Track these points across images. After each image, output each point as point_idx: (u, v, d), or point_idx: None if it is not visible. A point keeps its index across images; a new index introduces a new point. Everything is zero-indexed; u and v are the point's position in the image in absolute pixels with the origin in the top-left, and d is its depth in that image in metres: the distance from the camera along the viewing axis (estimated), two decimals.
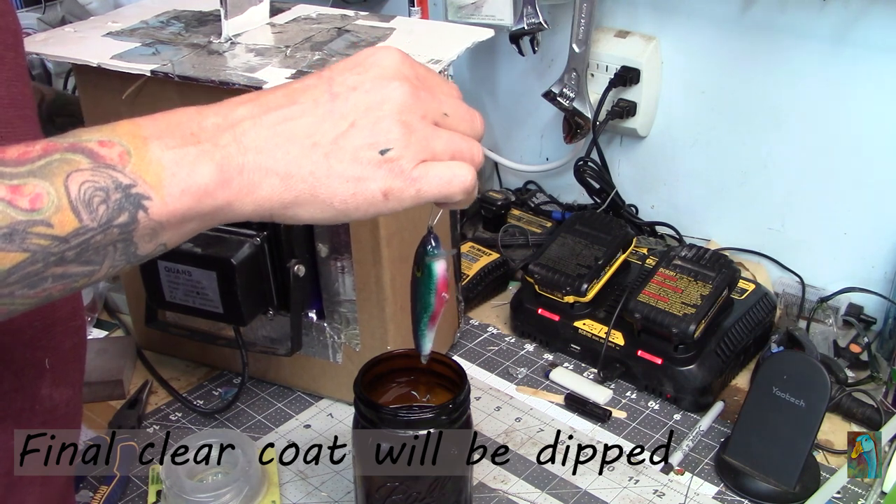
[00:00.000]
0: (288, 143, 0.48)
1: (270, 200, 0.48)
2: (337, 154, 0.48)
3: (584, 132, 1.17)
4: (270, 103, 0.49)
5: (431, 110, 0.51)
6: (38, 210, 0.42)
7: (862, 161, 1.02)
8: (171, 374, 1.00)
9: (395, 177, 0.49)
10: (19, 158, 0.43)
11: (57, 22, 1.50)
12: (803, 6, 0.99)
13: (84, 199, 0.43)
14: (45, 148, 0.44)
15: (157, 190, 0.45)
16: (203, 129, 0.47)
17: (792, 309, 1.06)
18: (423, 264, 0.60)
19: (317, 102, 0.49)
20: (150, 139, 0.46)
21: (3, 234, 0.42)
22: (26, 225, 0.42)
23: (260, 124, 0.48)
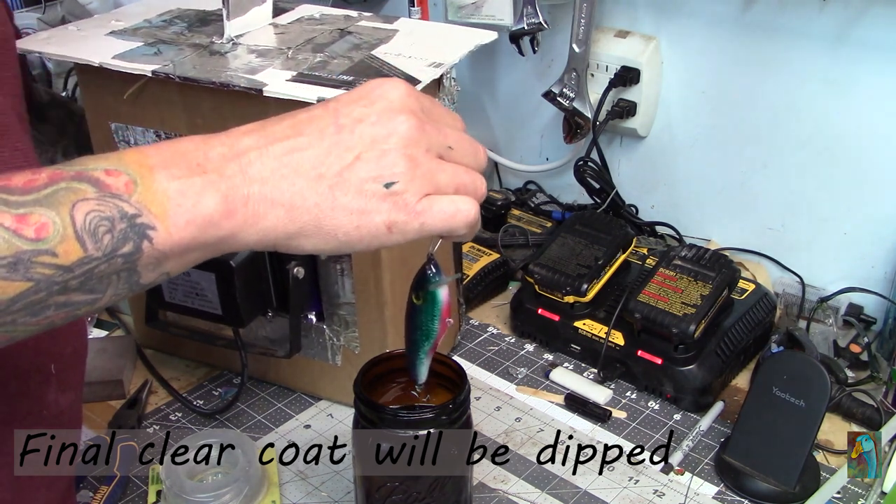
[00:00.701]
0: (294, 174, 0.48)
1: (275, 231, 0.49)
2: (342, 186, 0.49)
3: (584, 132, 1.17)
4: (276, 134, 0.49)
5: (436, 144, 0.51)
6: (44, 239, 0.43)
7: (862, 161, 1.02)
8: (171, 374, 1.00)
9: (399, 210, 0.49)
10: (25, 186, 0.43)
11: (57, 22, 1.50)
12: (803, 6, 0.99)
13: (89, 228, 0.43)
14: (52, 176, 0.44)
15: (162, 220, 0.45)
16: (209, 159, 0.47)
17: (792, 309, 1.06)
18: (426, 292, 0.60)
19: (323, 134, 0.49)
20: (157, 168, 0.46)
21: (7, 264, 0.42)
22: (31, 254, 0.42)
23: (266, 155, 0.48)
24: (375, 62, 0.83)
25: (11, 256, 0.42)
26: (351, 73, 0.81)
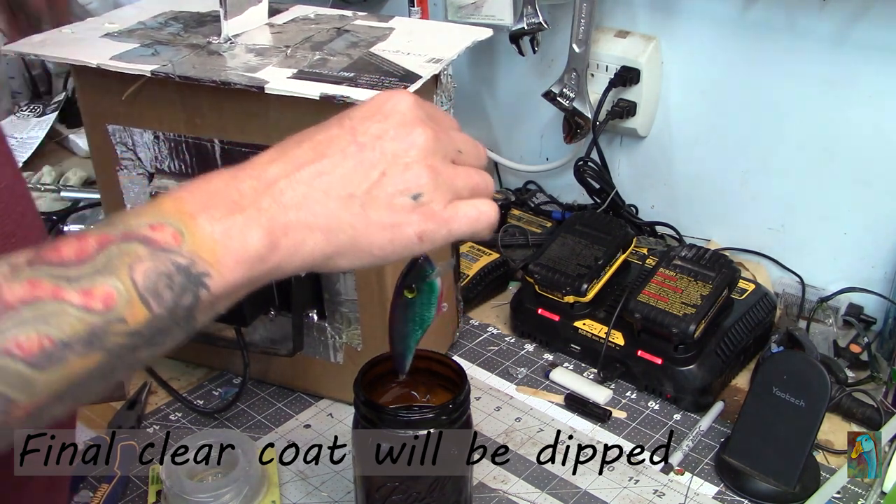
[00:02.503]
0: (325, 197, 0.49)
1: (314, 255, 0.49)
2: (373, 203, 0.50)
3: (584, 132, 1.17)
4: (300, 159, 0.50)
5: (450, 150, 0.53)
6: (113, 309, 0.43)
7: (862, 161, 1.02)
8: (170, 374, 1.00)
9: (428, 220, 0.51)
10: (79, 258, 0.43)
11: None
12: (803, 6, 0.99)
13: (151, 287, 0.44)
14: (100, 241, 0.44)
15: (214, 265, 0.46)
16: (243, 194, 0.48)
17: (792, 309, 1.06)
18: (421, 283, 0.60)
19: (345, 154, 0.50)
20: (197, 214, 0.46)
21: (84, 342, 0.42)
22: (104, 326, 0.43)
23: (295, 181, 0.49)
24: (375, 59, 0.83)
25: (86, 333, 0.42)
26: (351, 70, 0.81)
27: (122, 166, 0.91)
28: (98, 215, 1.29)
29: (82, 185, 1.40)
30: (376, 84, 0.78)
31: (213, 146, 0.86)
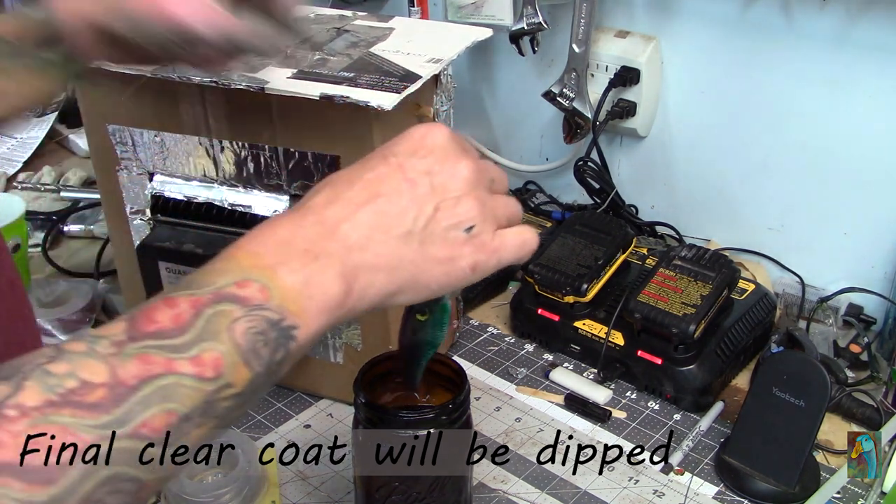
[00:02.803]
0: (386, 236, 0.50)
1: (379, 295, 0.51)
2: (430, 239, 0.51)
3: (584, 132, 1.17)
4: (356, 199, 0.50)
5: (487, 180, 0.54)
6: (222, 374, 0.43)
7: (862, 161, 1.02)
8: None
9: (480, 251, 0.53)
10: (178, 325, 0.43)
11: None
12: (803, 6, 0.99)
13: (250, 347, 0.44)
14: (193, 305, 0.43)
15: (301, 317, 0.46)
16: (311, 241, 0.48)
17: (792, 309, 1.06)
18: (433, 306, 0.61)
19: (399, 192, 0.51)
20: (276, 267, 0.46)
21: (201, 412, 0.42)
22: (216, 393, 0.43)
23: (357, 223, 0.49)
24: (375, 59, 0.83)
25: (202, 403, 0.42)
26: (351, 70, 0.81)
27: (122, 166, 0.91)
28: (98, 215, 1.29)
29: (82, 185, 1.41)
30: (376, 84, 0.78)
31: (212, 146, 0.86)
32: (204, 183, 0.88)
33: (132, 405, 0.41)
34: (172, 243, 0.85)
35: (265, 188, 0.85)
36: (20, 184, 1.43)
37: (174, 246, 0.84)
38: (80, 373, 0.40)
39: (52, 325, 1.05)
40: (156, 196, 0.89)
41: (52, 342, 1.04)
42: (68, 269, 1.21)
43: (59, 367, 0.40)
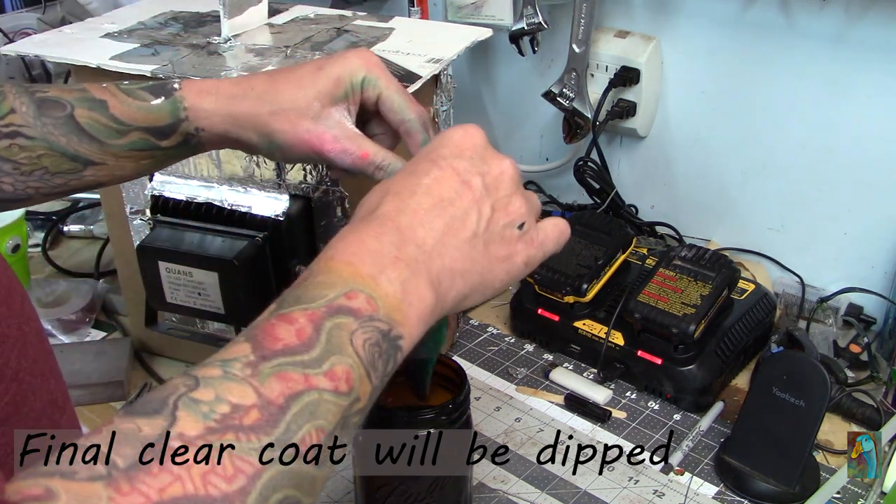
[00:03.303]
0: (457, 241, 0.51)
1: (456, 298, 0.51)
2: (492, 240, 0.52)
3: (583, 132, 1.17)
4: (423, 205, 0.51)
5: (520, 176, 0.56)
6: (353, 388, 0.43)
7: (862, 161, 1.02)
8: (171, 374, 1.00)
9: (530, 246, 0.55)
10: (304, 341, 0.42)
11: (57, 22, 1.50)
12: (803, 6, 0.99)
13: (370, 360, 0.44)
14: (311, 319, 0.43)
15: (405, 326, 0.46)
16: (397, 249, 0.48)
17: (792, 309, 1.06)
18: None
19: (460, 196, 0.52)
20: (376, 276, 0.46)
21: (340, 426, 0.42)
22: (350, 408, 0.43)
23: (432, 229, 0.50)
24: None
25: (341, 417, 0.42)
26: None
27: None
28: (98, 215, 1.29)
29: None
30: None
31: None
32: (204, 183, 0.88)
33: (287, 424, 0.40)
34: (172, 243, 0.85)
35: (265, 188, 0.85)
36: None
37: (174, 246, 0.84)
38: (228, 397, 0.40)
39: (52, 325, 1.05)
40: (156, 196, 0.89)
41: (52, 342, 1.04)
42: (68, 269, 1.21)
43: (205, 394, 0.40)
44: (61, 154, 0.61)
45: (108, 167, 0.63)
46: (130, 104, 0.62)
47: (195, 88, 0.63)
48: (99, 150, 0.62)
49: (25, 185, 0.62)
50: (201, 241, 0.84)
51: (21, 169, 0.61)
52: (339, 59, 0.64)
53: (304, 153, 0.64)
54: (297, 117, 0.62)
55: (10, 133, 0.60)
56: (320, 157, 0.64)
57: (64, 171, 0.62)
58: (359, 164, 0.64)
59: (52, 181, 0.62)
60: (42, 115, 0.60)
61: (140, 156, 0.64)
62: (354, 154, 0.63)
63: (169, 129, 0.63)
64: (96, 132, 0.62)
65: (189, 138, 0.64)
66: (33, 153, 0.60)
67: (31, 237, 1.24)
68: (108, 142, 0.62)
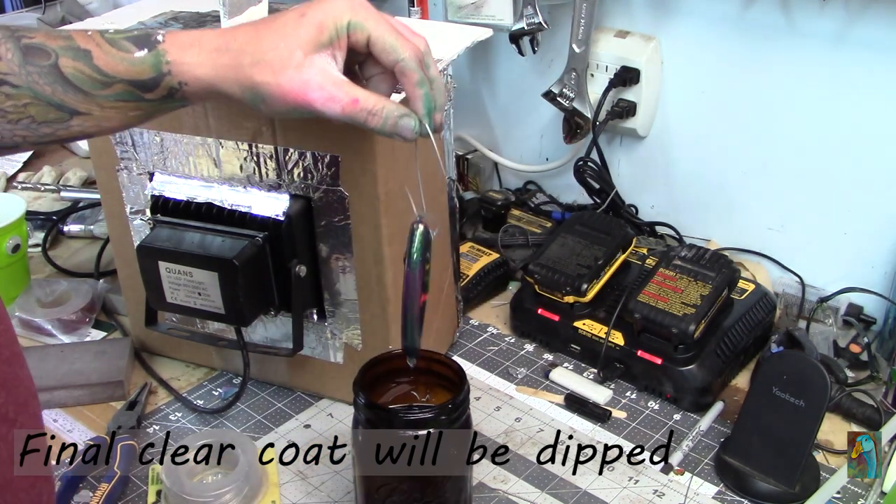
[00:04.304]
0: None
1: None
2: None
3: (583, 132, 1.17)
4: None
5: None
6: None
7: (862, 161, 1.02)
8: (170, 374, 1.00)
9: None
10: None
11: (57, 22, 1.50)
12: (803, 6, 0.99)
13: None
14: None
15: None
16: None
17: (792, 309, 1.06)
18: (430, 254, 0.62)
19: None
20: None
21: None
22: None
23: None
24: None
25: None
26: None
27: (122, 166, 0.91)
28: (98, 215, 1.29)
29: (82, 185, 1.41)
30: None
31: (213, 146, 0.86)
32: (204, 183, 0.88)
33: None
34: (172, 243, 0.85)
35: (265, 188, 0.85)
36: (20, 184, 1.43)
37: (174, 246, 0.84)
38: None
39: (52, 325, 1.05)
40: (156, 196, 0.89)
41: (52, 342, 1.04)
42: (68, 269, 1.21)
43: None
44: (47, 103, 0.61)
45: (94, 117, 0.62)
46: (114, 55, 0.61)
47: (178, 41, 0.62)
48: (84, 100, 0.61)
49: (13, 133, 0.61)
50: (201, 241, 0.84)
51: (7, 117, 0.60)
52: (323, 4, 0.63)
53: (290, 105, 0.62)
54: (280, 67, 0.61)
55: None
56: (307, 108, 0.62)
57: (50, 120, 0.61)
58: (349, 110, 0.62)
59: (39, 130, 0.62)
60: (27, 62, 0.60)
61: (126, 107, 0.63)
62: (342, 101, 0.62)
63: (152, 83, 0.62)
64: (80, 83, 0.61)
65: (173, 92, 0.63)
66: (19, 102, 0.60)
67: (32, 237, 1.24)
68: (92, 92, 0.61)
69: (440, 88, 0.66)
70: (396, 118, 0.64)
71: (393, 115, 0.63)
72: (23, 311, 1.07)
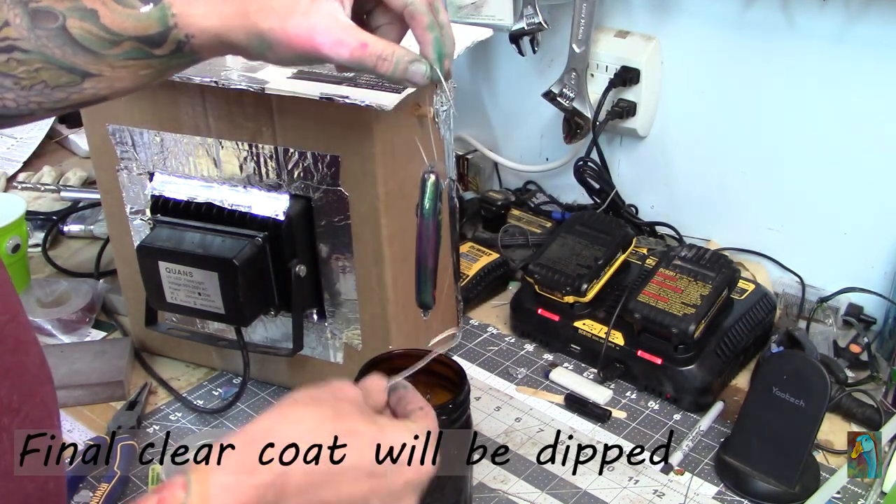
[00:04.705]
0: None
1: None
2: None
3: (583, 132, 1.17)
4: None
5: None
6: None
7: (862, 160, 1.02)
8: (171, 374, 1.00)
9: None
10: None
11: None
12: (803, 6, 0.99)
13: None
14: None
15: None
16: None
17: (792, 309, 1.06)
18: (440, 204, 0.62)
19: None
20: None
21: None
22: None
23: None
24: None
25: None
26: (351, 70, 0.81)
27: (122, 166, 0.91)
28: (98, 215, 1.29)
29: (82, 185, 1.41)
30: (376, 84, 0.78)
31: (213, 146, 0.86)
32: (204, 183, 0.88)
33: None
34: (172, 243, 0.85)
35: (265, 188, 0.85)
36: (20, 184, 1.43)
37: (174, 246, 0.84)
38: None
39: (52, 325, 1.05)
40: (156, 196, 0.89)
41: (52, 342, 1.04)
42: (68, 269, 1.21)
43: None
44: (58, 67, 0.60)
45: (106, 78, 0.62)
46: (120, 13, 0.61)
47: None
48: (94, 61, 0.61)
49: (28, 99, 0.61)
50: (201, 241, 0.84)
51: (21, 83, 0.60)
52: None
53: (297, 51, 0.61)
54: (287, 13, 0.60)
55: (6, 47, 0.59)
56: (314, 54, 0.61)
57: (63, 84, 0.61)
58: (357, 55, 0.60)
59: (53, 95, 0.61)
60: (35, 26, 0.59)
61: (137, 66, 0.62)
62: (351, 45, 0.60)
63: (160, 38, 0.61)
64: (89, 43, 0.60)
65: (181, 45, 0.62)
66: (31, 67, 0.60)
67: (32, 237, 1.24)
68: (102, 52, 0.61)
69: (450, 35, 0.65)
70: (407, 62, 0.62)
71: (404, 60, 0.61)
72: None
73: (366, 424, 0.56)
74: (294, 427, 0.53)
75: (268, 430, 0.53)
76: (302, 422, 0.54)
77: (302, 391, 0.56)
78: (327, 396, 0.56)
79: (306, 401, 0.55)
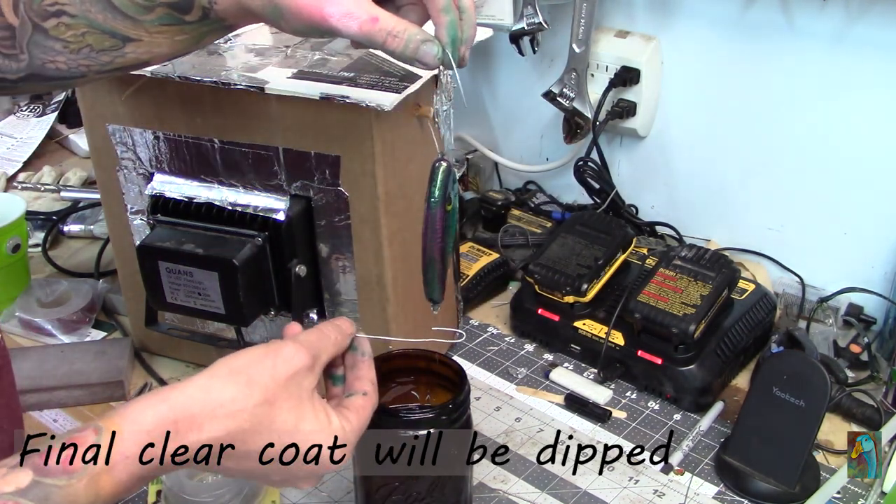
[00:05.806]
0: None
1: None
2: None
3: (584, 132, 1.17)
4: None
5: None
6: None
7: (862, 161, 1.02)
8: (171, 374, 1.00)
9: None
10: None
11: None
12: (803, 6, 0.99)
13: None
14: None
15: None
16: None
17: (792, 309, 1.06)
18: (452, 192, 0.62)
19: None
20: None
21: None
22: None
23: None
24: (375, 59, 0.83)
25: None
26: (351, 70, 0.81)
27: (122, 166, 0.91)
28: (98, 215, 1.29)
29: (82, 185, 1.41)
30: (376, 84, 0.78)
31: (213, 146, 0.86)
32: (204, 183, 0.88)
33: None
34: (172, 243, 0.85)
35: (265, 188, 0.85)
36: (20, 184, 1.43)
37: (174, 246, 0.84)
38: None
39: (52, 325, 1.05)
40: (156, 196, 0.89)
41: (52, 342, 1.04)
42: (68, 269, 1.21)
43: None
44: (101, 31, 0.63)
45: (145, 43, 0.64)
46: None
47: None
48: (133, 25, 0.63)
49: (77, 62, 0.64)
50: (201, 241, 0.84)
51: (70, 47, 0.63)
52: None
53: (306, 21, 0.60)
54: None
55: (55, 12, 0.62)
56: (323, 25, 0.60)
57: (107, 48, 0.64)
58: (366, 29, 0.59)
59: (99, 59, 0.64)
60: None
61: (171, 31, 0.64)
62: (361, 18, 0.58)
63: (186, 4, 0.62)
64: (126, 8, 0.62)
65: (207, 12, 0.63)
66: (77, 31, 0.63)
67: (32, 237, 1.24)
68: (138, 17, 0.63)
69: (470, 21, 0.64)
70: (419, 41, 0.60)
71: (415, 39, 0.60)
72: (23, 311, 1.07)
73: (284, 415, 0.58)
74: (213, 409, 0.56)
75: (185, 406, 0.57)
76: (222, 405, 0.56)
77: (225, 362, 0.58)
78: (254, 372, 0.57)
79: (224, 375, 0.57)
